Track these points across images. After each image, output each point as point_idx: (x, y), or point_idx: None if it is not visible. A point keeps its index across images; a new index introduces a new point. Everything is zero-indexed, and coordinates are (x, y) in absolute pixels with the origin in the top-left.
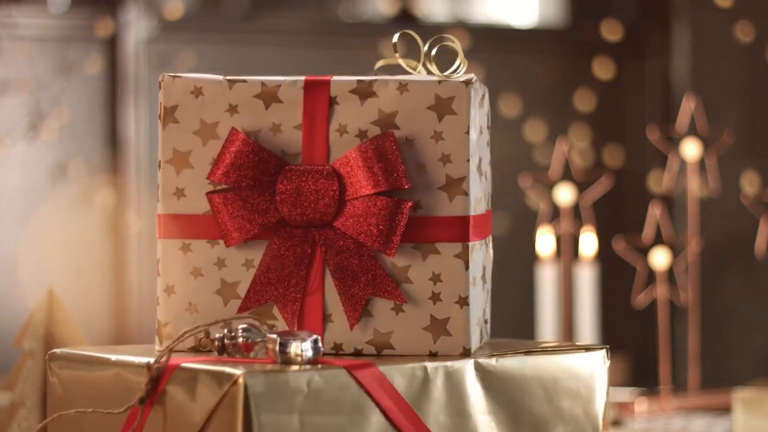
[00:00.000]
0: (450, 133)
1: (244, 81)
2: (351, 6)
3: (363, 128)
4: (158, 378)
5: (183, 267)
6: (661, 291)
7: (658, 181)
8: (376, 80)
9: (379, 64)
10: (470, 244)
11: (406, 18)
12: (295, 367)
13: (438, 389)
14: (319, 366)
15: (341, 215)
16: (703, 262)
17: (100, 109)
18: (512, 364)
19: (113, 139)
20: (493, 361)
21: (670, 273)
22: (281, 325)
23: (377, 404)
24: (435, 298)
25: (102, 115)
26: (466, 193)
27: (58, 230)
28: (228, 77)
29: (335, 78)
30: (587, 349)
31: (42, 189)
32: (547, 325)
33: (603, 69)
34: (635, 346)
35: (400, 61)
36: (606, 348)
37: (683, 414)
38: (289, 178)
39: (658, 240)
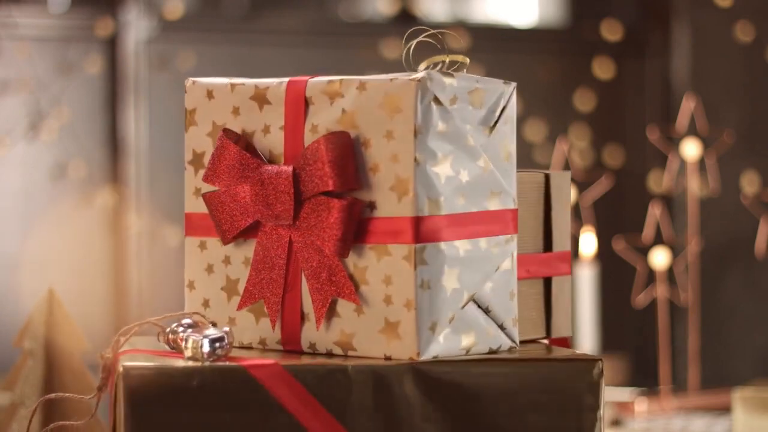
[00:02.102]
0: (399, 132)
1: (243, 84)
2: (351, 6)
3: (330, 128)
4: (109, 367)
5: (200, 263)
6: (661, 291)
7: (658, 181)
8: (343, 80)
9: (423, 64)
10: (418, 246)
11: (406, 18)
12: (193, 363)
13: (363, 393)
14: (223, 362)
15: (300, 215)
16: (703, 262)
17: (100, 109)
18: (463, 372)
19: (113, 139)
20: (437, 368)
21: (670, 273)
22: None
23: (281, 404)
24: (388, 300)
25: (102, 115)
26: (414, 194)
27: (58, 230)
28: (233, 80)
29: (312, 79)
30: (570, 360)
31: (42, 189)
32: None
33: (603, 69)
34: (635, 346)
35: (446, 57)
36: (598, 360)
37: (683, 414)
38: (260, 179)
39: (658, 240)
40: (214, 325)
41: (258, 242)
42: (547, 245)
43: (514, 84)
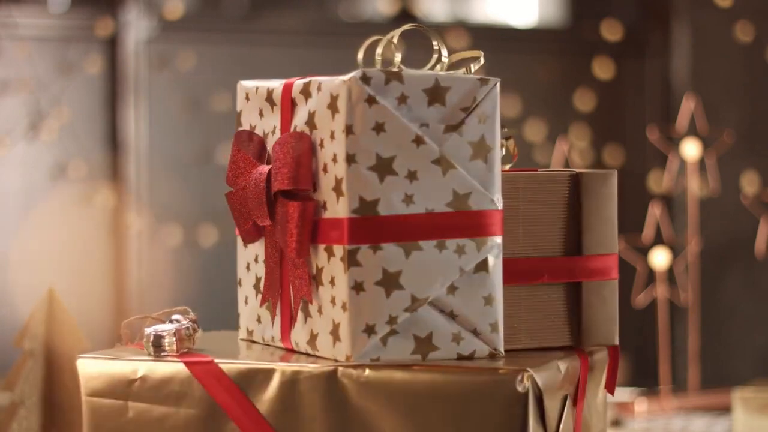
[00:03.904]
0: (337, 132)
1: (262, 86)
2: (351, 6)
3: (301, 129)
4: None
5: (243, 262)
6: (661, 291)
7: (658, 181)
8: (311, 81)
9: (450, 60)
10: (351, 247)
11: (406, 18)
12: (145, 357)
13: (289, 394)
14: (172, 358)
15: (273, 217)
16: (703, 262)
17: (100, 109)
18: (382, 378)
19: (113, 139)
20: (359, 373)
21: (670, 273)
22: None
23: (214, 400)
24: (333, 301)
25: (102, 115)
26: (347, 195)
27: (58, 230)
28: (261, 82)
29: (297, 81)
30: (491, 370)
31: (42, 189)
32: None
33: (603, 69)
34: (635, 346)
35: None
36: (523, 371)
37: (683, 414)
38: (252, 180)
39: (658, 240)
40: (194, 321)
41: (265, 242)
42: (577, 249)
43: (494, 81)
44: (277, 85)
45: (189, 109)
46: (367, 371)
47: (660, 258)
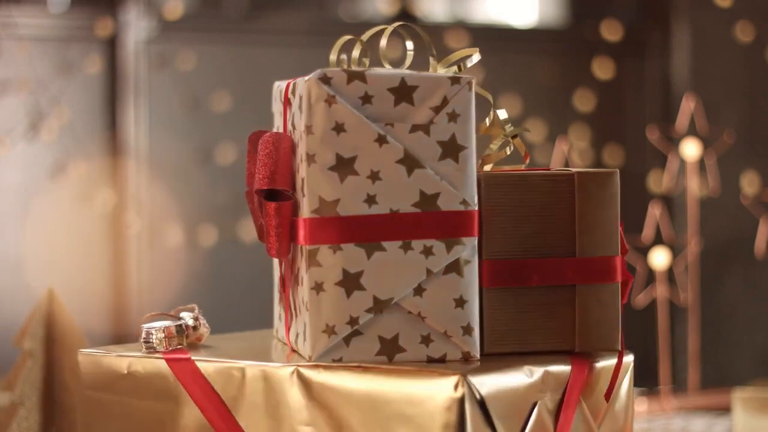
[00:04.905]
0: (303, 133)
1: (281, 86)
2: (351, 6)
3: (289, 129)
4: None
5: (276, 261)
6: (661, 291)
7: (658, 181)
8: (297, 82)
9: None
10: (311, 247)
11: (406, 18)
12: (136, 353)
13: (256, 393)
14: (159, 355)
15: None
16: (703, 262)
17: (99, 109)
18: (338, 378)
19: (113, 139)
20: (315, 373)
21: (670, 273)
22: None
23: (190, 396)
24: (302, 302)
25: (102, 115)
26: (307, 195)
27: (58, 230)
28: (283, 82)
29: (293, 81)
30: (431, 373)
31: (42, 189)
32: None
33: (603, 69)
34: (635, 346)
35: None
36: (458, 375)
37: (683, 414)
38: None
39: (658, 240)
40: (196, 319)
41: None
42: (571, 251)
43: (466, 79)
44: (283, 84)
45: (189, 109)
46: (319, 372)
47: (660, 258)
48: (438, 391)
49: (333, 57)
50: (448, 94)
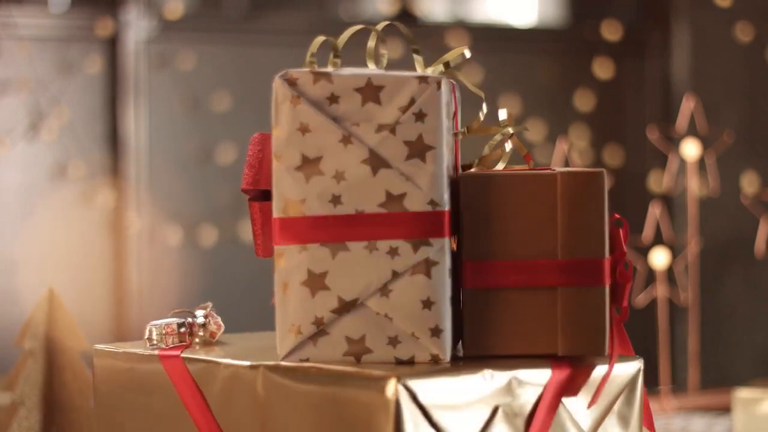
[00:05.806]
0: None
1: None
2: (351, 6)
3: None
4: None
5: None
6: (661, 291)
7: (658, 181)
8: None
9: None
10: (279, 247)
11: (406, 18)
12: (141, 350)
13: (229, 390)
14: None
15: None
16: (703, 262)
17: (100, 109)
18: (291, 379)
19: (113, 139)
20: (274, 374)
21: (670, 273)
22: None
23: (177, 392)
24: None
25: (102, 115)
26: (275, 195)
27: (58, 230)
28: None
29: None
30: (362, 377)
31: (42, 189)
32: None
33: (603, 69)
34: (635, 346)
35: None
36: (390, 378)
37: (683, 414)
38: None
39: (658, 240)
40: (206, 317)
41: None
42: (553, 252)
43: (434, 79)
44: None
45: (189, 109)
46: (277, 372)
47: (660, 258)
48: (369, 395)
49: (308, 58)
50: (415, 94)
